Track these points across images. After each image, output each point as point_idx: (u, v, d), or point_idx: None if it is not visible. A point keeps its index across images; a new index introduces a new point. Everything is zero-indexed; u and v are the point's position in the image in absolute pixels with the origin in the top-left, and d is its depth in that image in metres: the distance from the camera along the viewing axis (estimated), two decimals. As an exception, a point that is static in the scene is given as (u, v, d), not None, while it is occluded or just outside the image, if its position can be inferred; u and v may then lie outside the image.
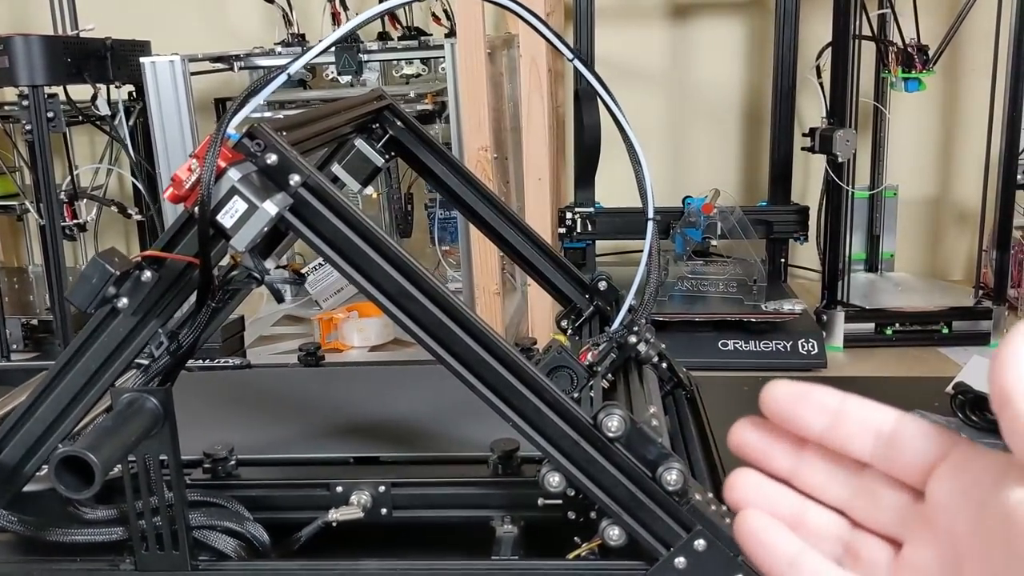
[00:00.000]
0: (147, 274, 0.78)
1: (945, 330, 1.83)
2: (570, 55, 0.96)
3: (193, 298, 0.80)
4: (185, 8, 2.33)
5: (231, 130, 0.72)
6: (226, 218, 0.71)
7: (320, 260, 2.16)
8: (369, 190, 1.17)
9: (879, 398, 0.33)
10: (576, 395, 1.00)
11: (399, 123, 1.18)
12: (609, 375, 1.01)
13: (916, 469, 0.32)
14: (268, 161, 0.74)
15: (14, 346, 1.89)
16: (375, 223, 0.76)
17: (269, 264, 0.79)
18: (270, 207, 0.71)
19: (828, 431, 0.33)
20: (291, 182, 0.74)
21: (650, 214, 1.01)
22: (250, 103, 0.73)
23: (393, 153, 1.18)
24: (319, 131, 0.93)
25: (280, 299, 0.77)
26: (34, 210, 1.75)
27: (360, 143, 1.15)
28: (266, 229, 0.72)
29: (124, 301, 0.78)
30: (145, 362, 0.82)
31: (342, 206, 0.76)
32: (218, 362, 1.21)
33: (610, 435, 0.78)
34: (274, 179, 0.74)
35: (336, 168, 1.16)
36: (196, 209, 0.70)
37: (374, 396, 1.08)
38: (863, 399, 0.33)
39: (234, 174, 0.70)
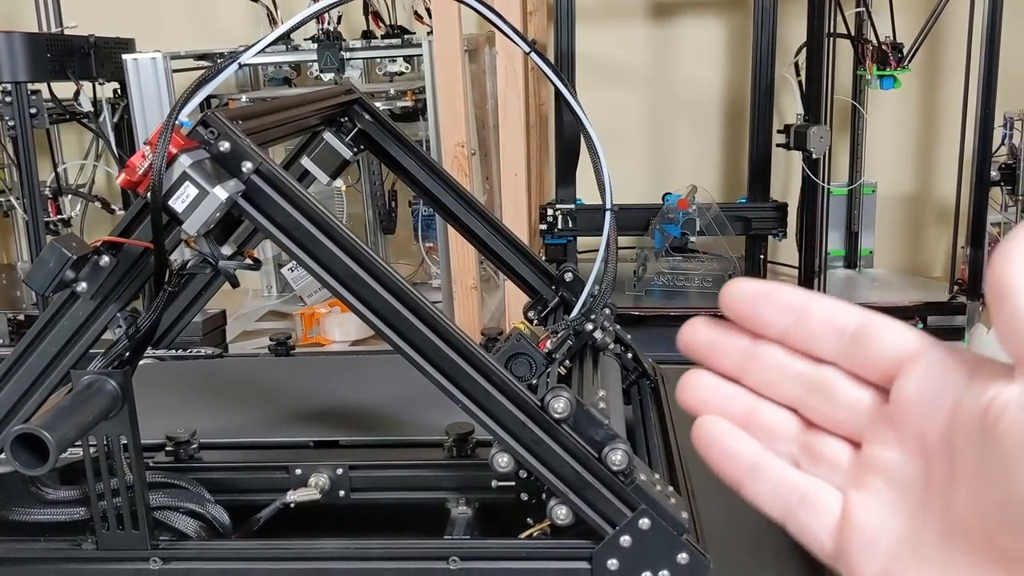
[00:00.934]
0: (105, 259, 0.80)
1: (920, 325, 1.85)
2: (527, 48, 0.98)
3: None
4: (172, 7, 2.35)
5: (184, 118, 0.74)
6: (178, 203, 0.73)
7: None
8: (339, 183, 1.19)
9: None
10: (534, 381, 1.02)
11: (368, 117, 1.20)
12: (567, 362, 1.03)
13: (880, 367, 0.30)
14: (221, 148, 0.76)
15: (1, 340, 1.91)
16: (359, 220, 0.79)
17: (226, 250, 0.81)
18: (220, 192, 0.73)
19: (790, 330, 0.32)
20: (243, 168, 0.76)
21: (608, 204, 1.03)
22: (201, 91, 0.75)
23: (362, 147, 1.20)
24: (280, 121, 0.95)
25: (235, 284, 0.79)
26: (19, 206, 1.78)
27: (328, 136, 1.17)
28: (218, 215, 0.74)
29: (83, 286, 0.80)
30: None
31: (294, 192, 0.78)
32: (190, 352, 1.23)
33: (556, 416, 0.80)
34: (226, 166, 0.76)
35: (305, 160, 1.18)
36: (149, 194, 0.72)
37: (339, 384, 1.10)
38: (830, 299, 0.32)
39: (185, 160, 0.72)
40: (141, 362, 1.24)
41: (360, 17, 2.16)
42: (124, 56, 1.66)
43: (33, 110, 1.62)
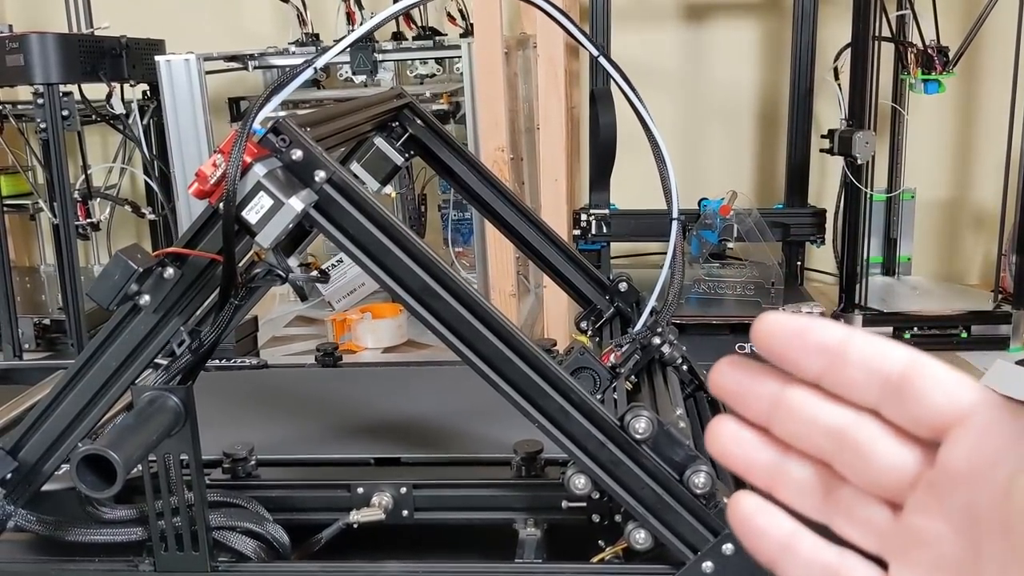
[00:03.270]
0: (169, 271, 0.77)
1: (964, 334, 1.82)
2: (595, 51, 0.94)
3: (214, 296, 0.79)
4: (199, 7, 2.32)
5: (256, 125, 0.71)
6: (251, 214, 0.70)
7: (335, 259, 2.15)
8: (387, 188, 1.16)
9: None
10: (599, 397, 0.99)
11: (419, 121, 1.17)
12: (632, 377, 0.99)
13: (927, 423, 0.27)
14: (293, 157, 0.73)
15: (26, 346, 1.88)
16: None
17: (292, 262, 0.78)
18: (296, 203, 0.70)
19: (825, 374, 0.28)
20: (316, 178, 0.73)
21: (674, 214, 1.00)
22: (276, 98, 0.72)
23: (412, 152, 1.17)
24: (340, 128, 0.92)
25: (304, 297, 0.76)
26: (48, 209, 1.75)
27: (380, 141, 1.14)
28: (291, 226, 0.71)
29: (146, 298, 0.77)
30: (164, 362, 0.82)
31: (367, 202, 0.75)
32: (234, 362, 1.20)
33: (637, 437, 0.77)
34: (299, 175, 0.73)
35: (355, 167, 1.15)
36: (221, 205, 0.69)
37: (393, 397, 1.07)
38: (871, 338, 0.28)
39: (260, 169, 0.69)
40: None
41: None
42: (157, 57, 1.63)
43: (65, 112, 1.59)
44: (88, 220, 1.86)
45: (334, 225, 0.75)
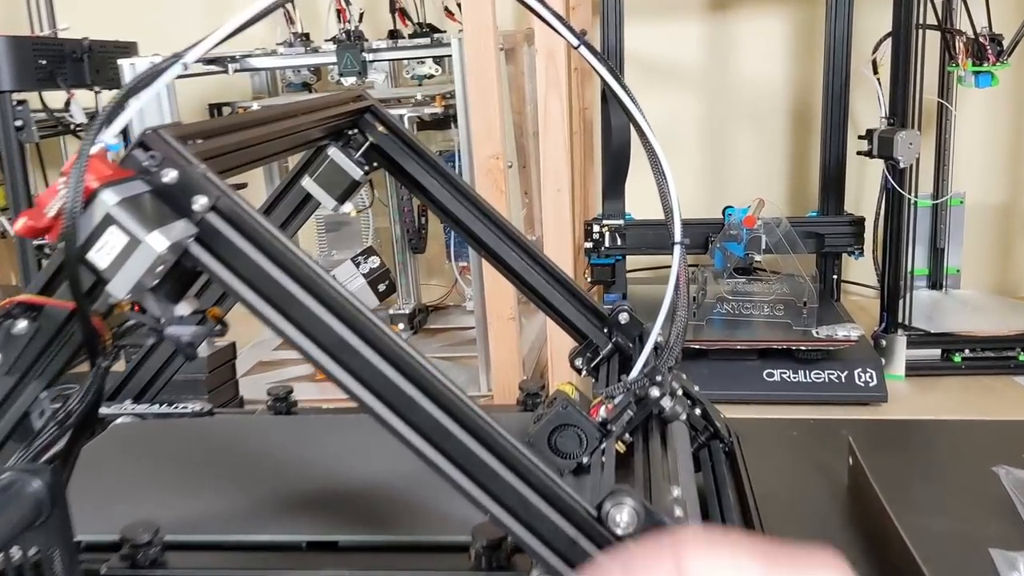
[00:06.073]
0: (21, 324, 0.61)
1: (1022, 356, 1.61)
2: (575, 41, 0.77)
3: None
4: (183, 6, 2.18)
5: (110, 139, 0.55)
6: (100, 255, 0.53)
7: (336, 269, 1.99)
8: (348, 207, 1.00)
9: (952, 446, 0.18)
10: (585, 459, 0.82)
11: (382, 128, 1.00)
12: (627, 435, 0.82)
13: None
14: (165, 179, 0.56)
15: None
16: (386, 236, 0.61)
17: (182, 308, 0.62)
18: (157, 241, 0.53)
19: None
20: (195, 205, 0.57)
21: (677, 237, 0.82)
22: (132, 102, 0.56)
23: (375, 163, 1.01)
24: (264, 137, 0.76)
25: (190, 356, 0.59)
26: (9, 227, 1.61)
27: (334, 152, 0.98)
28: (159, 268, 0.55)
29: (-6, 358, 0.61)
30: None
31: (263, 234, 0.58)
32: (176, 408, 1.04)
33: (619, 532, 0.60)
34: (173, 202, 0.57)
35: (307, 182, 0.99)
36: (63, 244, 0.53)
37: (343, 455, 0.90)
38: None
39: (109, 197, 0.53)
40: (118, 421, 1.06)
41: (387, 15, 1.97)
42: (119, 61, 1.49)
43: (19, 123, 1.45)
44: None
45: (222, 264, 0.59)
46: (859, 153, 1.66)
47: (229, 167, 0.68)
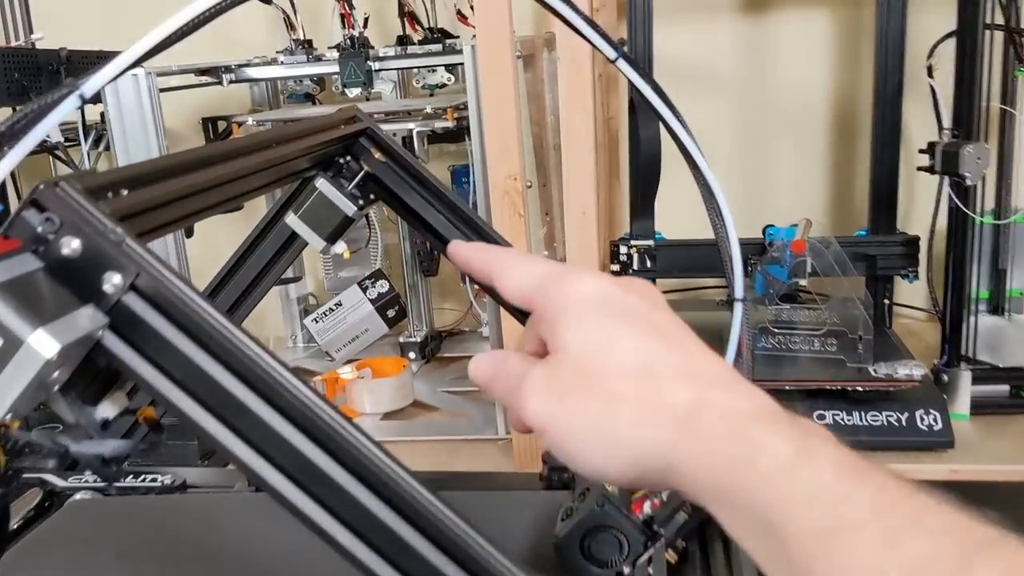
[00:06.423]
0: None
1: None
2: (612, 54, 0.62)
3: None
4: (170, 16, 2.04)
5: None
6: (-34, 362, 0.39)
7: (331, 304, 1.85)
8: (340, 247, 0.85)
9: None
10: (627, 570, 0.67)
11: (379, 155, 0.85)
12: (679, 541, 0.66)
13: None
14: (64, 251, 0.42)
15: None
16: (395, 255, 0.50)
17: (106, 410, 0.47)
18: (45, 342, 0.38)
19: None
20: (106, 285, 0.42)
21: (739, 292, 0.67)
22: (21, 144, 0.41)
23: (372, 195, 0.86)
24: (226, 176, 0.61)
25: (110, 479, 0.44)
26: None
27: (323, 184, 0.83)
28: (55, 375, 0.40)
29: None
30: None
31: (202, 321, 0.43)
32: (144, 480, 0.89)
33: None
34: (76, 282, 0.42)
35: (291, 219, 0.84)
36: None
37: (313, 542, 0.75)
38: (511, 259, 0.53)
39: (-23, 281, 0.38)
40: (76, 496, 0.91)
41: (395, 20, 1.83)
42: (99, 73, 1.34)
43: (-13, 142, 1.31)
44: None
45: (146, 359, 0.44)
46: (920, 169, 1.50)
47: (170, 220, 0.53)
